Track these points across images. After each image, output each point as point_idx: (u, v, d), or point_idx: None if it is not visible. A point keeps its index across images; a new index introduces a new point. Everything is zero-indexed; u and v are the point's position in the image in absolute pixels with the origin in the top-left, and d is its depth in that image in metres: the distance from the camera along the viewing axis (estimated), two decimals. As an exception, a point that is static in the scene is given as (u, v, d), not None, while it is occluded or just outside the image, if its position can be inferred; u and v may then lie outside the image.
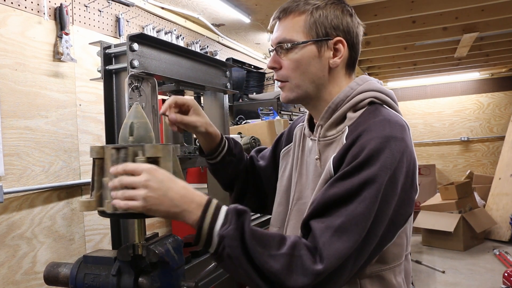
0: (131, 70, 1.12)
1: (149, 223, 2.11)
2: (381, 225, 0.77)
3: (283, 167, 1.09)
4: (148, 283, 0.85)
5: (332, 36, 0.90)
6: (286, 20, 0.92)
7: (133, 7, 2.17)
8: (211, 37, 3.01)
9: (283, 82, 0.95)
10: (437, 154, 6.42)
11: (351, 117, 0.88)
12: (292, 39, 0.90)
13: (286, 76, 0.93)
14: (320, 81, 0.92)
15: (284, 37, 0.91)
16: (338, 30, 0.90)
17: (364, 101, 0.89)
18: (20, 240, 1.51)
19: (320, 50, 0.90)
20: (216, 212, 0.77)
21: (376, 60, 4.48)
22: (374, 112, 0.86)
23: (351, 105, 0.90)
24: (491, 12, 2.89)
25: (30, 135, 1.57)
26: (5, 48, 1.50)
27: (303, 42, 0.89)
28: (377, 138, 0.78)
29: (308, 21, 0.90)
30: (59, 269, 0.94)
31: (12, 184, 1.48)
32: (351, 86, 0.93)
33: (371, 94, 0.90)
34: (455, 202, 4.53)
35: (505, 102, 6.07)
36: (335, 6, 0.91)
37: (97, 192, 0.85)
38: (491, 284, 3.38)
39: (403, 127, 0.82)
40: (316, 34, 0.90)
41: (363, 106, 0.89)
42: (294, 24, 0.91)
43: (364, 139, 0.79)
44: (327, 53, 0.91)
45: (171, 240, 0.92)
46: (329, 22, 0.90)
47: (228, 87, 1.59)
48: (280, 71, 0.94)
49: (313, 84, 0.92)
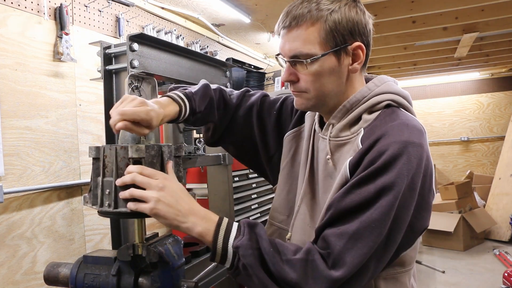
0: (131, 70, 1.12)
1: (149, 223, 2.11)
2: (400, 231, 0.76)
3: (292, 150, 1.03)
4: (148, 283, 0.85)
5: (350, 41, 0.85)
6: (299, 30, 0.85)
7: (133, 7, 2.17)
8: (211, 37, 3.01)
9: (301, 93, 0.90)
10: (437, 154, 6.42)
11: (366, 119, 0.86)
12: (310, 53, 0.84)
13: (305, 89, 0.88)
14: (339, 88, 0.88)
15: (300, 51, 0.84)
16: (355, 34, 0.85)
17: (381, 103, 0.86)
18: (20, 240, 1.51)
19: (339, 58, 0.85)
20: (229, 226, 0.79)
21: (376, 60, 4.48)
22: (391, 116, 0.83)
23: (367, 107, 0.87)
24: (491, 12, 2.89)
25: (30, 135, 1.57)
26: (5, 48, 1.50)
27: (323, 55, 0.83)
28: (395, 143, 0.76)
29: (324, 30, 0.83)
30: (59, 269, 0.94)
31: (12, 184, 1.48)
32: (368, 86, 0.89)
33: (389, 96, 0.87)
34: (455, 202, 4.53)
35: (505, 102, 6.07)
36: (349, 7, 0.85)
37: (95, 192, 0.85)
38: (491, 284, 3.38)
39: (420, 131, 0.81)
40: (335, 43, 0.84)
41: (380, 108, 0.86)
42: (309, 35, 0.84)
43: (382, 144, 0.77)
44: (346, 60, 0.86)
45: (171, 240, 0.93)
46: (346, 28, 0.84)
47: (228, 87, 1.59)
48: (298, 84, 0.89)
49: (333, 92, 0.88)
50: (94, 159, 0.87)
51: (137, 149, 0.81)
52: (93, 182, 0.86)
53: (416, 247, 0.88)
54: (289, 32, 0.86)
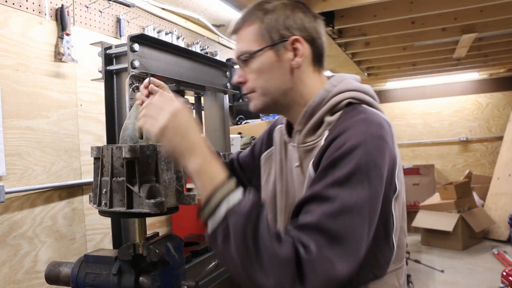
0: (131, 71, 1.13)
1: (150, 223, 2.12)
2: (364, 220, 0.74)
3: (267, 172, 1.06)
4: (148, 282, 0.86)
5: (287, 37, 0.88)
6: (241, 32, 0.92)
7: (134, 8, 2.18)
8: (212, 37, 3.01)
9: (251, 93, 0.93)
10: (436, 154, 6.42)
11: (329, 121, 0.86)
12: (248, 50, 0.89)
13: (252, 87, 0.91)
14: (286, 85, 0.90)
15: (241, 50, 0.91)
16: (292, 29, 0.88)
17: (341, 103, 0.87)
18: (21, 240, 1.51)
19: (278, 54, 0.88)
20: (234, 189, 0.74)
21: (376, 61, 4.49)
22: (351, 113, 0.83)
23: (328, 109, 0.87)
24: (490, 13, 2.90)
25: (32, 135, 1.58)
26: (6, 49, 1.50)
27: (259, 50, 0.88)
28: (353, 136, 0.76)
29: (260, 28, 0.88)
30: (60, 268, 0.95)
31: (13, 184, 1.49)
32: (326, 88, 0.89)
33: (348, 94, 0.87)
34: (454, 202, 4.54)
35: (503, 102, 6.08)
36: (285, 7, 0.89)
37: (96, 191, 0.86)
38: (490, 283, 3.40)
39: (380, 124, 0.80)
40: (271, 39, 0.88)
41: (341, 108, 0.87)
42: (248, 34, 0.90)
43: (340, 138, 0.77)
44: (286, 55, 0.88)
45: (171, 239, 0.93)
46: (281, 24, 0.88)
47: (228, 87, 1.60)
48: (247, 84, 0.92)
49: (280, 89, 0.90)
50: (95, 159, 0.88)
51: (130, 149, 0.82)
52: (94, 181, 0.88)
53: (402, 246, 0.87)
54: (236, 37, 0.94)
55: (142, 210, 0.82)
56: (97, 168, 0.88)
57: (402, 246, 0.88)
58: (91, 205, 0.88)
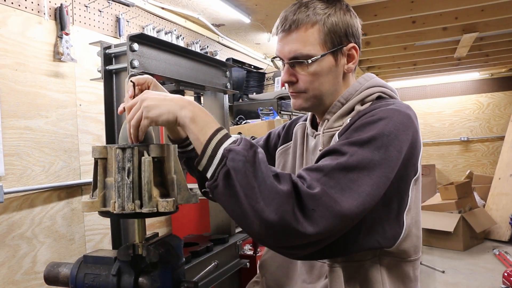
0: (131, 70, 1.12)
1: (149, 223, 2.12)
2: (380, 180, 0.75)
3: (281, 165, 1.09)
4: (148, 283, 0.85)
5: (345, 43, 0.91)
6: (299, 32, 0.89)
7: (133, 7, 2.17)
8: (211, 37, 3.01)
9: (300, 93, 0.94)
10: (437, 154, 6.42)
11: (359, 109, 0.90)
12: (310, 54, 0.88)
13: (304, 89, 0.92)
14: (335, 87, 0.94)
15: (300, 52, 0.88)
16: (349, 36, 0.91)
17: (372, 95, 0.91)
18: (20, 240, 1.51)
19: (336, 59, 0.91)
20: (227, 135, 0.76)
21: (376, 60, 4.48)
22: (381, 104, 0.88)
23: (360, 98, 0.91)
24: (491, 12, 2.89)
25: (30, 135, 1.57)
26: (5, 48, 1.50)
27: (322, 55, 0.88)
28: (381, 111, 0.81)
29: (323, 31, 0.88)
30: (59, 269, 0.95)
31: (12, 184, 1.49)
32: (359, 81, 0.95)
33: (379, 89, 0.92)
34: (455, 202, 4.53)
35: (504, 102, 6.08)
36: (344, 11, 0.91)
37: (100, 192, 0.85)
38: (491, 284, 3.39)
39: (409, 109, 0.84)
40: (332, 44, 0.89)
41: (371, 100, 0.91)
42: (309, 37, 0.88)
43: (369, 114, 0.82)
44: (342, 60, 0.92)
45: (171, 239, 0.93)
46: (342, 30, 0.90)
47: (228, 87, 1.59)
48: (297, 84, 0.93)
49: (329, 91, 0.93)
50: (95, 159, 0.88)
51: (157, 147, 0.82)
52: (93, 181, 0.87)
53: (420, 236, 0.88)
54: (289, 35, 0.90)
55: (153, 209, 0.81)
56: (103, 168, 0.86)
57: (419, 236, 0.88)
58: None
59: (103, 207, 0.84)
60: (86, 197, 0.84)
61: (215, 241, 1.38)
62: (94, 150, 0.85)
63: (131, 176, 0.80)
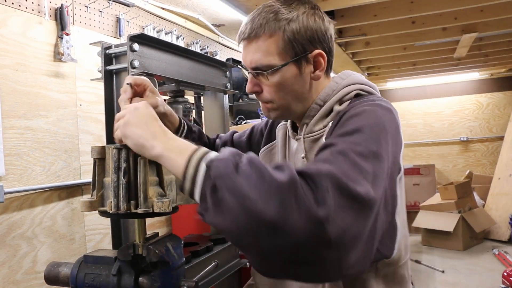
0: (131, 70, 1.12)
1: (149, 223, 2.12)
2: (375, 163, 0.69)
3: None
4: (148, 282, 0.86)
5: (310, 49, 0.86)
6: (259, 41, 0.84)
7: (134, 8, 2.17)
8: (211, 37, 3.01)
9: (267, 103, 0.92)
10: (436, 154, 6.42)
11: (338, 109, 0.87)
12: (270, 64, 0.84)
13: (270, 99, 0.90)
14: (303, 95, 0.90)
15: (260, 62, 0.85)
16: (314, 42, 0.86)
17: (350, 93, 0.88)
18: (20, 240, 1.51)
19: (300, 67, 0.86)
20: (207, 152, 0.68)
21: (376, 60, 4.48)
22: (360, 102, 0.85)
23: (337, 98, 0.88)
24: (491, 13, 2.89)
25: (31, 135, 1.58)
26: (5, 49, 1.50)
27: (283, 65, 0.84)
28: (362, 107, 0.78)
29: (283, 40, 0.83)
30: (60, 269, 0.95)
31: (12, 184, 1.49)
32: (336, 80, 0.91)
33: (357, 86, 0.89)
34: (455, 202, 4.53)
35: (504, 102, 6.08)
36: (307, 15, 0.85)
37: (98, 192, 0.85)
38: (491, 284, 3.39)
39: (389, 109, 0.80)
40: (294, 53, 0.84)
41: (350, 98, 0.88)
42: (268, 46, 0.84)
43: (351, 111, 0.79)
44: (307, 68, 0.87)
45: (171, 239, 0.93)
46: (305, 37, 0.84)
47: (228, 87, 1.60)
48: (262, 94, 0.90)
49: (297, 99, 0.90)
50: (94, 159, 0.88)
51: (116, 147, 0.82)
52: (92, 181, 0.87)
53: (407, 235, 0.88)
54: (249, 44, 0.87)
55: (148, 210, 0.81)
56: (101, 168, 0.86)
57: (407, 236, 0.88)
58: None
59: (101, 207, 0.85)
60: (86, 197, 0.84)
61: (215, 241, 1.38)
62: (92, 150, 0.86)
63: (127, 176, 0.81)
